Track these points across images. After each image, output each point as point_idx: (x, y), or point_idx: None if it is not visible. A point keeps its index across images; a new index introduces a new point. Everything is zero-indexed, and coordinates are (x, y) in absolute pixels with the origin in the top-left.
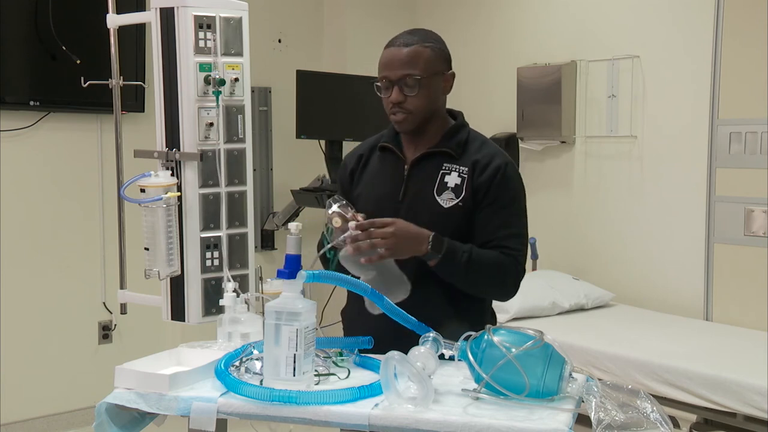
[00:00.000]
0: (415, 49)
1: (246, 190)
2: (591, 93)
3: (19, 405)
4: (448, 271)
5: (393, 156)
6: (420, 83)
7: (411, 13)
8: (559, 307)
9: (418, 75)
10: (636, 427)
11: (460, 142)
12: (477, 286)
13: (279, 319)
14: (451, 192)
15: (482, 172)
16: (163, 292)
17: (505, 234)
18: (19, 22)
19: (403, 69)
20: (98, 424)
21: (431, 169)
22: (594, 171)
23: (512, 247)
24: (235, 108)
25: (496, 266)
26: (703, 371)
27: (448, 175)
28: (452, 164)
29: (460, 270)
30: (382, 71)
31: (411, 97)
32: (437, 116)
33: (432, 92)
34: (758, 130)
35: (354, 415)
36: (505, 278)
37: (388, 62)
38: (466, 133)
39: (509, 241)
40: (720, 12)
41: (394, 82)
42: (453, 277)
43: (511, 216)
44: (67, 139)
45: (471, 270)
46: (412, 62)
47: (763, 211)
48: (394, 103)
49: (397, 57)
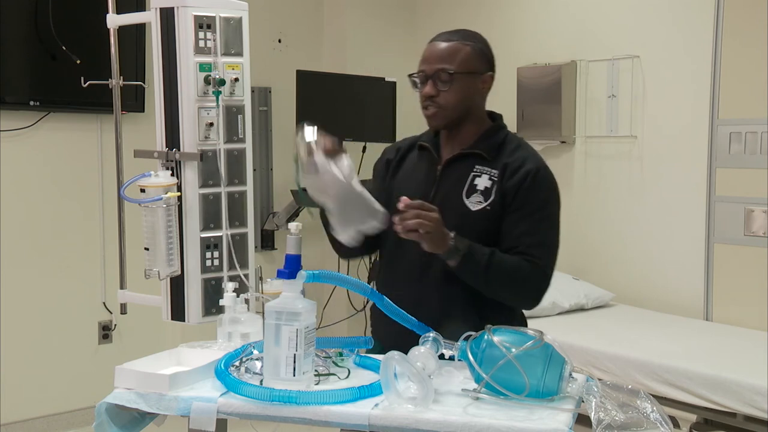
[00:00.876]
0: (455, 45)
1: (246, 190)
2: (591, 93)
3: (19, 405)
4: (469, 272)
5: (429, 156)
6: (453, 79)
7: (411, 13)
8: (559, 307)
9: (453, 70)
10: (636, 427)
11: (495, 144)
12: (498, 292)
13: (279, 319)
14: (480, 195)
15: (512, 176)
16: (163, 292)
17: (530, 242)
18: (19, 22)
19: (439, 63)
20: (98, 424)
21: (463, 171)
22: (594, 171)
23: (536, 256)
24: (235, 108)
25: (517, 273)
26: (703, 371)
27: (478, 177)
28: (484, 167)
29: (480, 272)
30: (419, 65)
31: (443, 92)
32: (473, 117)
33: (466, 90)
34: (758, 130)
35: (354, 415)
36: (526, 286)
37: (426, 56)
38: (503, 135)
39: (534, 250)
40: (720, 12)
41: (429, 75)
42: (473, 279)
43: (538, 222)
44: (67, 139)
45: (491, 274)
46: (448, 57)
47: (763, 211)
48: (426, 97)
49: (435, 51)
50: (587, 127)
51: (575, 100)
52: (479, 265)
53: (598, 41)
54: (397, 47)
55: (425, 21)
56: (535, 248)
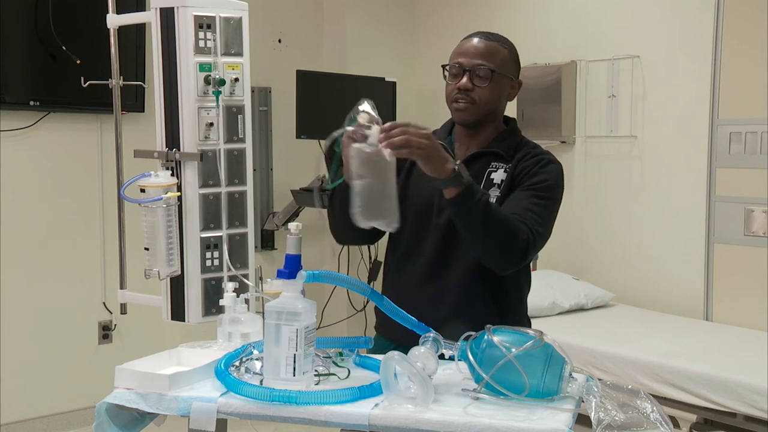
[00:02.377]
0: (495, 45)
1: (246, 190)
2: (591, 93)
3: (19, 405)
4: (465, 209)
5: None
6: (492, 76)
7: (411, 13)
8: (559, 307)
9: (493, 67)
10: (636, 427)
11: (512, 145)
12: (486, 238)
13: (279, 319)
14: (497, 188)
15: (522, 161)
16: (163, 292)
17: (523, 207)
18: (19, 22)
19: (480, 58)
20: (98, 424)
21: (479, 168)
22: (594, 171)
23: (527, 218)
24: (235, 108)
25: (510, 224)
26: (703, 371)
27: (494, 172)
28: (500, 162)
29: (477, 211)
30: (455, 57)
31: (479, 88)
32: (495, 119)
33: (499, 90)
34: (758, 130)
35: (354, 415)
36: (515, 239)
37: (465, 50)
38: (518, 138)
39: (526, 214)
40: (720, 12)
41: (467, 69)
42: (468, 217)
43: (536, 198)
44: (67, 139)
45: (486, 215)
46: (489, 55)
47: (763, 211)
48: (461, 89)
49: (476, 46)
50: (587, 127)
51: (575, 100)
52: (479, 201)
53: (598, 41)
54: (397, 47)
55: (425, 21)
56: (529, 215)
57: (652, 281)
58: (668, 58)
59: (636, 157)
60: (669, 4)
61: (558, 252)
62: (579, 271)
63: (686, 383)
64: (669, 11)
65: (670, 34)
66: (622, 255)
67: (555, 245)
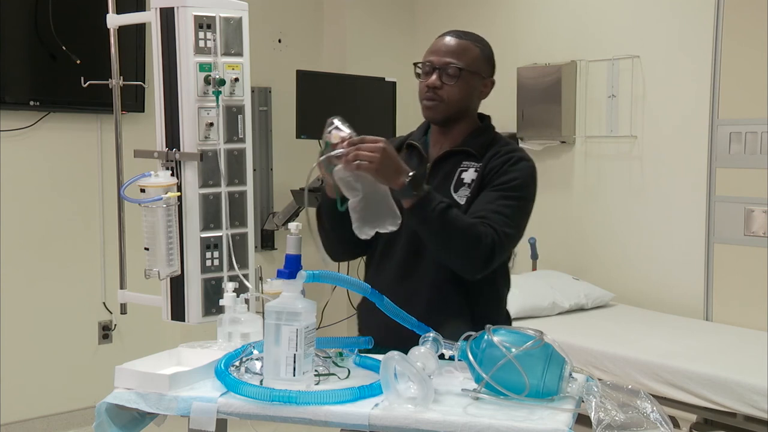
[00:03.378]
0: (466, 43)
1: (246, 190)
2: (591, 93)
3: (19, 405)
4: (421, 217)
5: (418, 154)
6: (461, 74)
7: (411, 13)
8: (559, 307)
9: (462, 66)
10: (636, 427)
11: (484, 143)
12: (446, 245)
13: (279, 319)
14: (467, 188)
15: (492, 160)
16: (163, 292)
17: (491, 209)
18: (19, 22)
19: (449, 57)
20: (98, 424)
21: (451, 167)
22: (594, 171)
23: (494, 221)
24: (235, 108)
25: (470, 229)
26: (703, 371)
27: (465, 171)
28: (471, 162)
29: (433, 219)
30: (427, 56)
31: (448, 86)
32: (467, 118)
33: (469, 89)
34: (758, 130)
35: (354, 415)
36: (477, 245)
37: (436, 48)
38: (491, 135)
39: (493, 216)
40: (720, 12)
41: (437, 67)
42: (425, 225)
43: (505, 198)
44: (67, 139)
45: (444, 223)
46: (459, 53)
47: (763, 211)
48: (430, 87)
49: (446, 45)
50: (587, 127)
51: (575, 100)
52: (434, 210)
53: (598, 41)
54: (397, 47)
55: (425, 21)
56: (496, 215)
57: (652, 281)
58: (668, 58)
59: (636, 157)
60: (669, 4)
61: (558, 252)
62: (579, 271)
63: (686, 383)
64: (669, 11)
65: (670, 34)
66: (622, 255)
67: (555, 245)
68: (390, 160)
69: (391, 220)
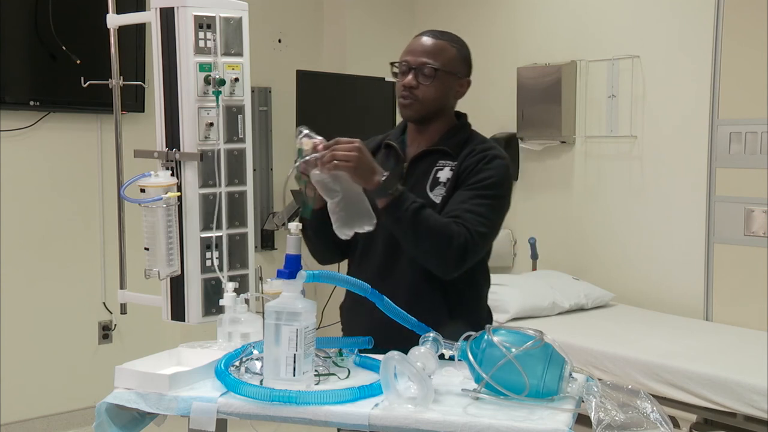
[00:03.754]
0: (442, 43)
1: (246, 190)
2: (591, 93)
3: (19, 405)
4: (395, 217)
5: (395, 154)
6: (436, 74)
7: (411, 13)
8: (559, 307)
9: (437, 66)
10: (636, 427)
11: (459, 141)
12: (419, 245)
13: (279, 319)
14: (443, 187)
15: (467, 158)
16: (163, 292)
17: (465, 209)
18: (19, 22)
19: (425, 57)
20: (98, 424)
21: (427, 166)
22: (594, 171)
23: (468, 221)
24: (235, 108)
25: (444, 228)
26: (703, 371)
27: (441, 170)
28: (447, 161)
29: (406, 219)
30: (403, 56)
31: (423, 86)
32: (443, 117)
33: (445, 88)
34: (758, 130)
35: (354, 415)
36: (450, 244)
37: (412, 48)
38: (467, 134)
39: (467, 215)
40: (720, 12)
41: (413, 67)
42: (399, 225)
43: (480, 198)
44: (67, 139)
45: (417, 223)
46: (435, 53)
47: (763, 211)
48: (406, 87)
49: (422, 45)
50: (587, 127)
51: (575, 100)
52: (406, 210)
53: (598, 41)
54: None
55: (425, 21)
56: (469, 215)
57: (652, 281)
58: (668, 58)
59: (636, 157)
60: (669, 4)
61: (558, 252)
62: (579, 271)
63: (686, 383)
64: (669, 11)
65: (670, 34)
66: (622, 255)
67: (555, 245)
68: (366, 160)
69: (367, 220)
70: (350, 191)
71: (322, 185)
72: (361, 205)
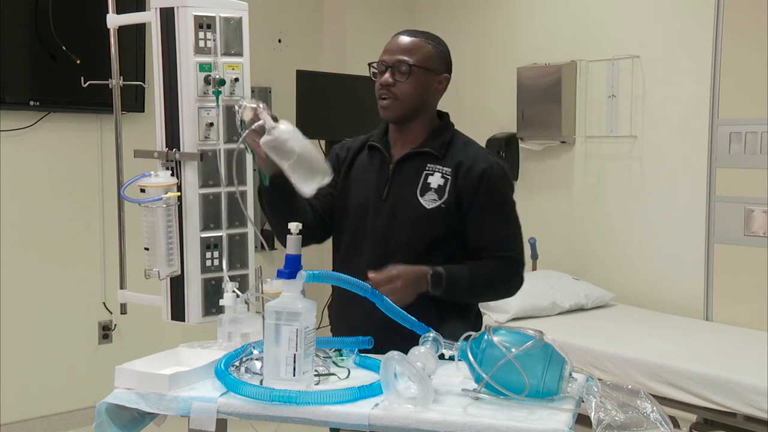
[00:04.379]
0: (417, 41)
1: (246, 190)
2: (591, 93)
3: (19, 405)
4: (455, 296)
5: (380, 155)
6: (412, 71)
7: (411, 13)
8: (559, 307)
9: (412, 62)
10: (636, 427)
11: (444, 142)
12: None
13: (279, 319)
14: (434, 193)
15: (466, 177)
16: (163, 292)
17: (500, 237)
18: (19, 22)
19: (400, 54)
20: (98, 424)
21: (414, 170)
22: (594, 171)
23: (510, 249)
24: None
25: (498, 277)
26: (703, 371)
27: (431, 175)
28: (435, 165)
29: (465, 293)
30: (381, 56)
31: (400, 83)
32: (424, 115)
33: (422, 85)
34: (758, 130)
35: (354, 415)
36: (510, 283)
37: (389, 47)
38: (450, 133)
39: (506, 245)
40: (720, 12)
41: (389, 65)
42: (460, 298)
43: (503, 217)
44: (67, 139)
45: (474, 289)
46: (410, 50)
47: (763, 211)
48: (383, 85)
49: (398, 43)
50: (587, 127)
51: (575, 100)
52: (461, 287)
53: (598, 41)
54: None
55: (425, 21)
56: (507, 242)
57: (652, 281)
58: (668, 58)
59: (636, 157)
60: (669, 4)
61: (558, 252)
62: (579, 271)
63: (686, 383)
64: (669, 11)
65: (670, 34)
66: (622, 255)
67: (555, 245)
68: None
69: (323, 172)
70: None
71: (275, 150)
72: (315, 160)
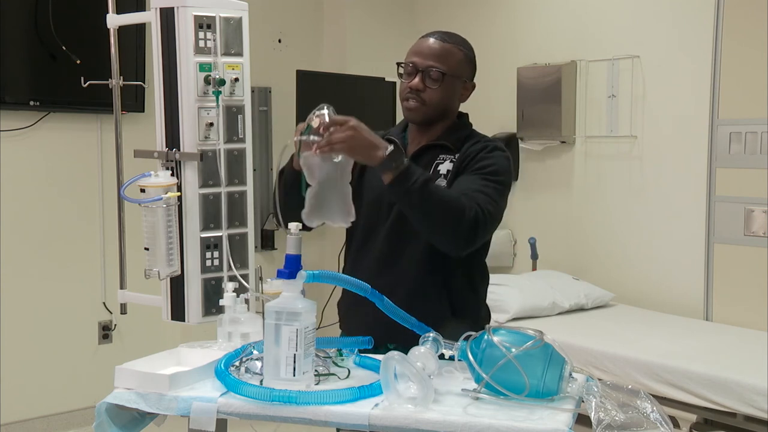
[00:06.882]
0: (450, 47)
1: (246, 190)
2: (591, 93)
3: (19, 405)
4: (402, 190)
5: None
6: (443, 78)
7: (411, 13)
8: (559, 307)
9: (445, 70)
10: (636, 427)
11: (461, 137)
12: (429, 218)
13: (279, 319)
14: (443, 179)
15: (470, 147)
16: (163, 292)
17: (472, 189)
18: (19, 22)
19: (433, 60)
20: (98, 424)
21: (427, 161)
22: (594, 171)
23: (477, 198)
24: (235, 108)
25: (454, 202)
26: (703, 371)
27: (441, 164)
28: (447, 155)
29: (415, 191)
30: (410, 56)
31: (430, 89)
32: (446, 119)
33: (450, 92)
34: (758, 130)
35: (354, 415)
36: (461, 217)
37: (420, 50)
38: (468, 131)
39: (475, 195)
40: (720, 12)
41: (420, 69)
42: (407, 198)
43: (485, 181)
44: (67, 139)
45: (426, 196)
46: (443, 57)
47: (763, 211)
48: (412, 89)
49: (431, 47)
50: (587, 127)
51: (575, 100)
52: (414, 183)
53: (598, 41)
54: (396, 48)
55: (425, 21)
56: (477, 194)
57: (652, 281)
58: (668, 58)
59: (636, 157)
60: (669, 4)
61: (558, 252)
62: (579, 271)
63: (686, 383)
64: (669, 11)
65: (670, 34)
66: (622, 255)
67: (555, 245)
68: (361, 138)
69: (342, 216)
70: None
71: (307, 168)
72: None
